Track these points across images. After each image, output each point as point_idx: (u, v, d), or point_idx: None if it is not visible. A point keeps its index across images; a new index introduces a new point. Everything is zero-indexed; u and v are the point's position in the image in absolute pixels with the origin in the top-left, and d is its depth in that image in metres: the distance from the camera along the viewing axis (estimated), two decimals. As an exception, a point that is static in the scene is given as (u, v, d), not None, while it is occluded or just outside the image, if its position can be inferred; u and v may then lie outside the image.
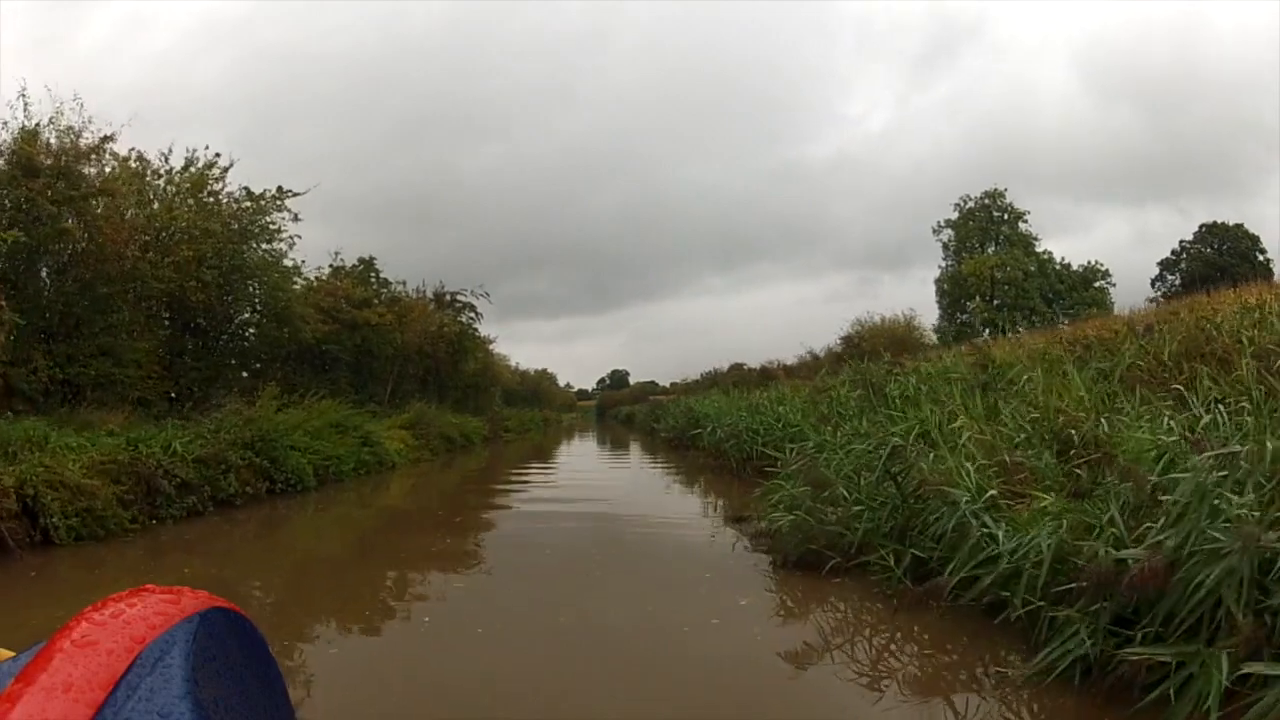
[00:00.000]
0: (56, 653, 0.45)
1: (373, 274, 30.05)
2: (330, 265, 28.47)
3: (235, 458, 13.22)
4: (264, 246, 23.01)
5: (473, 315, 36.61)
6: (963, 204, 56.21)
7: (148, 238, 20.23)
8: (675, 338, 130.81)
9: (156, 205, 20.49)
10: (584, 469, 22.35)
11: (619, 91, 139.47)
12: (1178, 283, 55.87)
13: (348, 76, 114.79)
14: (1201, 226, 58.97)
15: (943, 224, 56.65)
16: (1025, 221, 55.72)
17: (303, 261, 24.24)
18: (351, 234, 65.82)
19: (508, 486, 17.64)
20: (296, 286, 24.52)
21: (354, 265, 29.32)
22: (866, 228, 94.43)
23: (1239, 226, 57.42)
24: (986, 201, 55.82)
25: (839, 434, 13.05)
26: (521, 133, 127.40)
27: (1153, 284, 57.78)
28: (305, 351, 25.40)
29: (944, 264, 55.99)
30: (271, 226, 22.83)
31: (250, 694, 0.54)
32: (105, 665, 0.45)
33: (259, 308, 23.16)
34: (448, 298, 36.17)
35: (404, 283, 31.65)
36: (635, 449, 31.77)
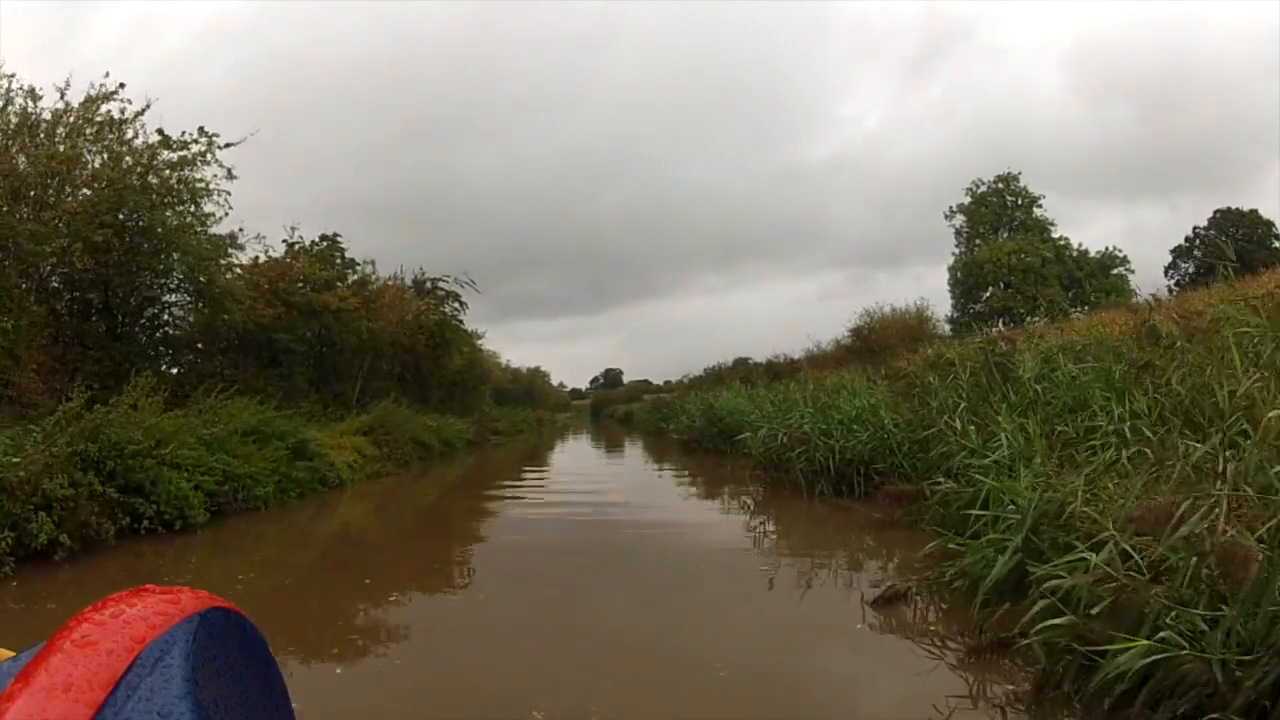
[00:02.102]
0: (56, 653, 0.43)
1: (337, 253, 24.86)
2: (286, 241, 23.32)
3: (58, 486, 8.16)
4: (191, 210, 18.00)
5: (457, 305, 31.49)
6: (975, 188, 51.72)
7: (32, 189, 15.32)
8: (670, 337, 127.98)
9: (41, 143, 15.49)
10: (591, 481, 16.97)
11: (621, 94, 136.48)
12: (1191, 270, 51.84)
13: (354, 80, 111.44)
14: (1216, 212, 54.89)
15: (954, 209, 52.16)
16: (1040, 206, 51.33)
17: (240, 230, 19.08)
18: (354, 233, 61.60)
19: (490, 510, 12.57)
20: (236, 261, 19.48)
21: (314, 242, 24.11)
22: (863, 227, 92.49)
23: (1254, 212, 53.20)
24: (1000, 186, 51.32)
25: (989, 443, 8.24)
26: (524, 134, 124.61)
27: (1166, 272, 53.75)
28: (249, 341, 20.30)
29: (957, 251, 51.65)
30: (197, 183, 17.79)
31: (250, 694, 0.51)
32: (105, 665, 0.43)
33: (184, 285, 18.15)
34: (428, 285, 31.01)
35: (373, 262, 26.35)
36: (641, 452, 26.62)
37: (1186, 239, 55.71)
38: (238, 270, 19.50)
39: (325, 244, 24.58)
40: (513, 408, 50.02)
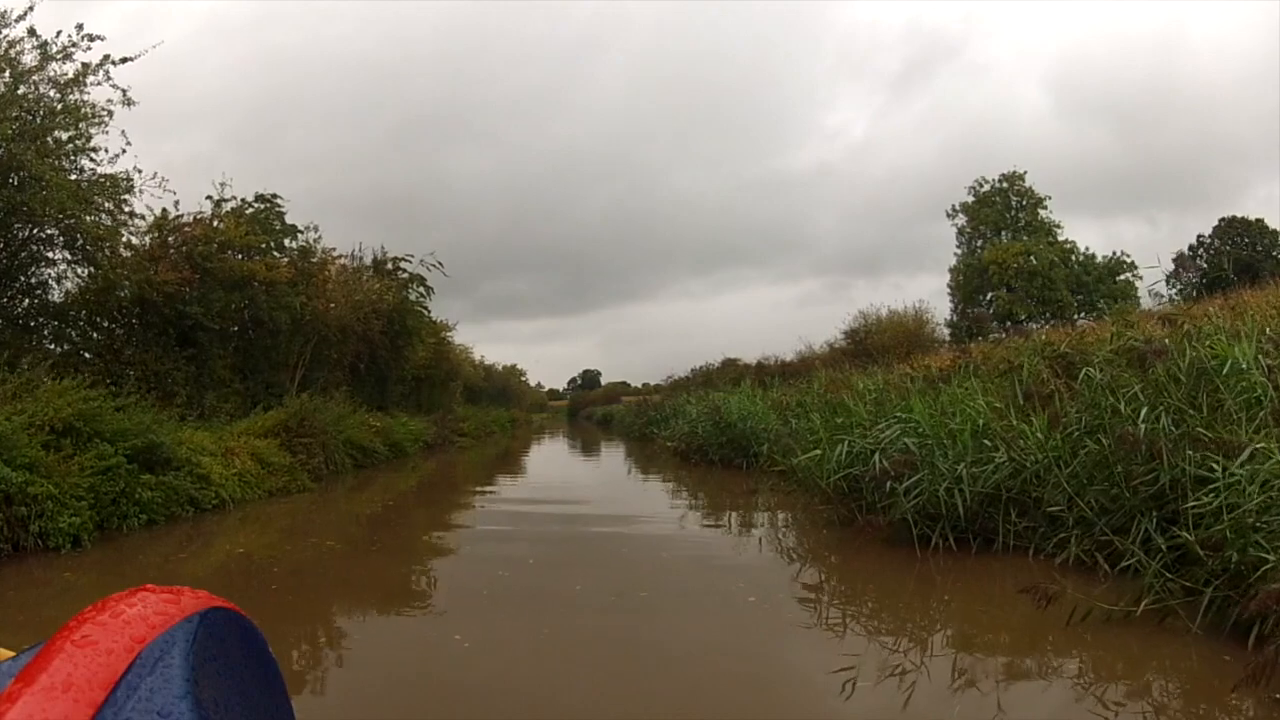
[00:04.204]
0: (56, 653, 0.42)
1: (276, 219, 20.62)
2: (211, 198, 19.07)
3: None
4: (75, 142, 13.94)
5: (422, 291, 27.27)
6: (978, 187, 48.42)
7: None
8: (649, 340, 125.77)
9: None
10: (576, 505, 12.57)
11: (609, 100, 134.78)
12: (1193, 280, 49.10)
13: (348, 81, 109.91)
14: (1221, 221, 52.15)
15: (956, 208, 48.82)
16: (1045, 208, 48.15)
17: (136, 170, 14.96)
18: (341, 230, 59.00)
19: (428, 555, 8.51)
20: (132, 209, 15.36)
21: (245, 201, 19.77)
22: (843, 236, 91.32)
23: (1260, 222, 50.44)
24: (1004, 185, 48.09)
25: None
26: (511, 136, 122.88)
27: (1168, 281, 50.92)
28: (153, 313, 16.20)
29: (958, 251, 48.39)
30: (80, 105, 13.75)
31: (250, 694, 0.51)
32: (105, 665, 0.42)
33: (60, 237, 14.06)
34: (389, 265, 26.85)
35: (316, 227, 21.97)
36: (630, 462, 22.43)
37: (1190, 247, 52.96)
38: (131, 221, 15.36)
39: (263, 206, 20.34)
40: (485, 406, 45.95)
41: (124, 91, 14.71)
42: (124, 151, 15.02)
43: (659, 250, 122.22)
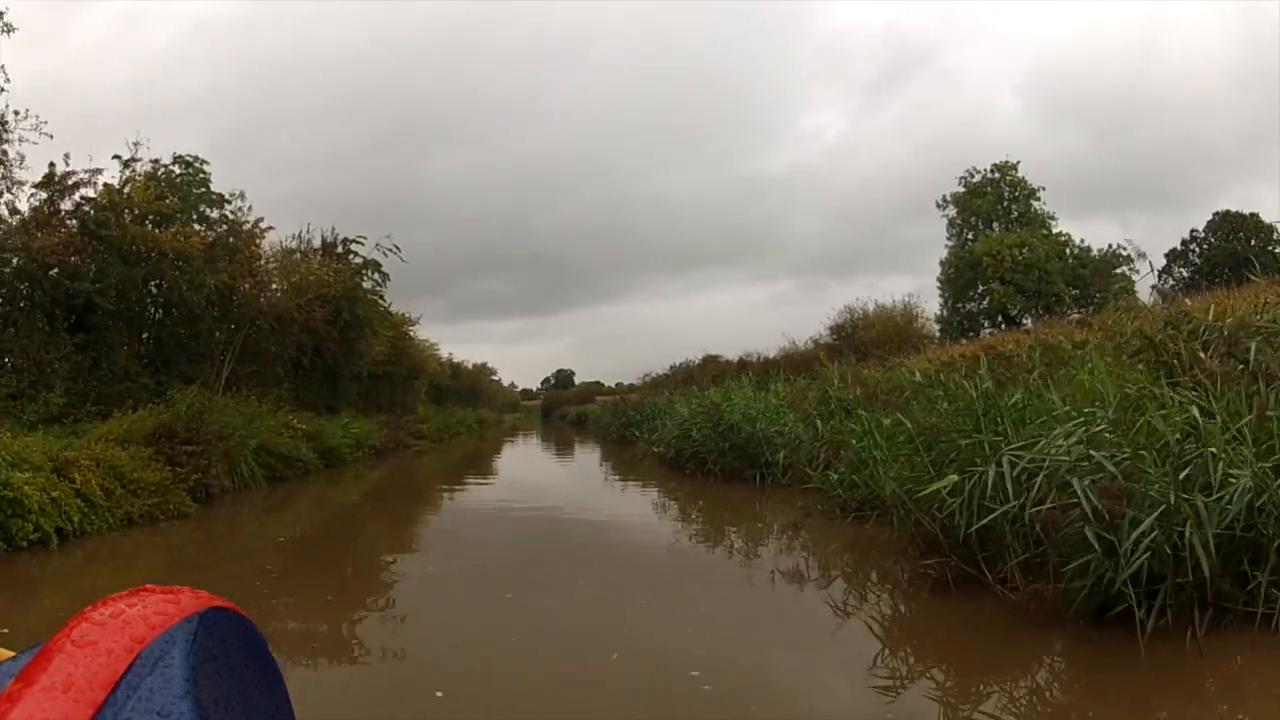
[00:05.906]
0: (56, 653, 0.42)
1: (200, 187, 17.70)
2: (119, 158, 16.11)
3: None
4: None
5: (377, 279, 24.28)
6: (969, 176, 46.49)
7: None
8: (622, 340, 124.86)
9: None
10: (560, 555, 8.45)
11: (588, 104, 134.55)
12: (1185, 275, 47.66)
13: (333, 84, 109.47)
14: (1215, 215, 50.83)
15: (947, 199, 46.88)
16: (1038, 199, 46.34)
17: (11, 111, 12.25)
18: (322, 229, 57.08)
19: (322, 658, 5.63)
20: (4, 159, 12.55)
21: (156, 162, 16.74)
22: (818, 237, 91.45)
23: (1254, 216, 49.06)
24: (995, 175, 46.23)
25: None
26: (493, 140, 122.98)
27: (1160, 276, 49.48)
28: (34, 287, 13.34)
29: (949, 244, 46.50)
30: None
31: (250, 694, 0.51)
32: (105, 665, 0.42)
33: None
34: (340, 248, 23.87)
35: (242, 194, 18.70)
36: (610, 471, 19.74)
37: (1182, 241, 51.58)
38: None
39: (183, 171, 17.41)
40: (452, 407, 43.01)
41: (1, 14, 12.01)
42: (2, 89, 12.35)
43: (635, 252, 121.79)
